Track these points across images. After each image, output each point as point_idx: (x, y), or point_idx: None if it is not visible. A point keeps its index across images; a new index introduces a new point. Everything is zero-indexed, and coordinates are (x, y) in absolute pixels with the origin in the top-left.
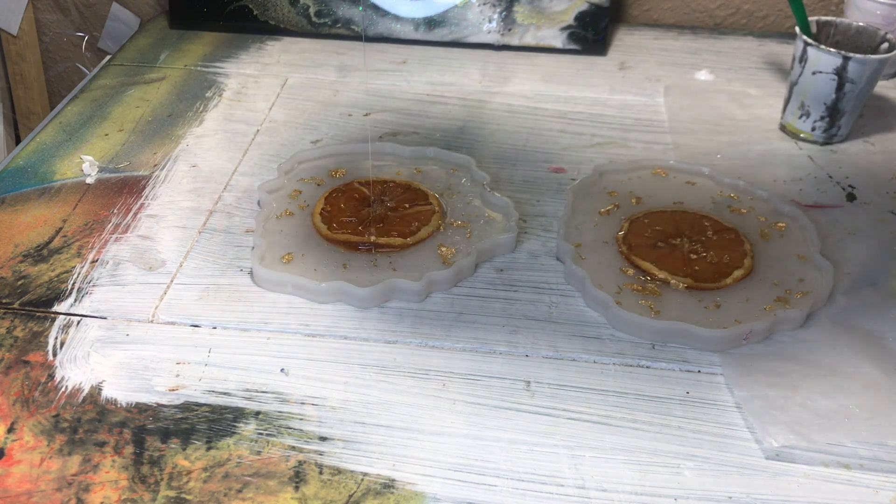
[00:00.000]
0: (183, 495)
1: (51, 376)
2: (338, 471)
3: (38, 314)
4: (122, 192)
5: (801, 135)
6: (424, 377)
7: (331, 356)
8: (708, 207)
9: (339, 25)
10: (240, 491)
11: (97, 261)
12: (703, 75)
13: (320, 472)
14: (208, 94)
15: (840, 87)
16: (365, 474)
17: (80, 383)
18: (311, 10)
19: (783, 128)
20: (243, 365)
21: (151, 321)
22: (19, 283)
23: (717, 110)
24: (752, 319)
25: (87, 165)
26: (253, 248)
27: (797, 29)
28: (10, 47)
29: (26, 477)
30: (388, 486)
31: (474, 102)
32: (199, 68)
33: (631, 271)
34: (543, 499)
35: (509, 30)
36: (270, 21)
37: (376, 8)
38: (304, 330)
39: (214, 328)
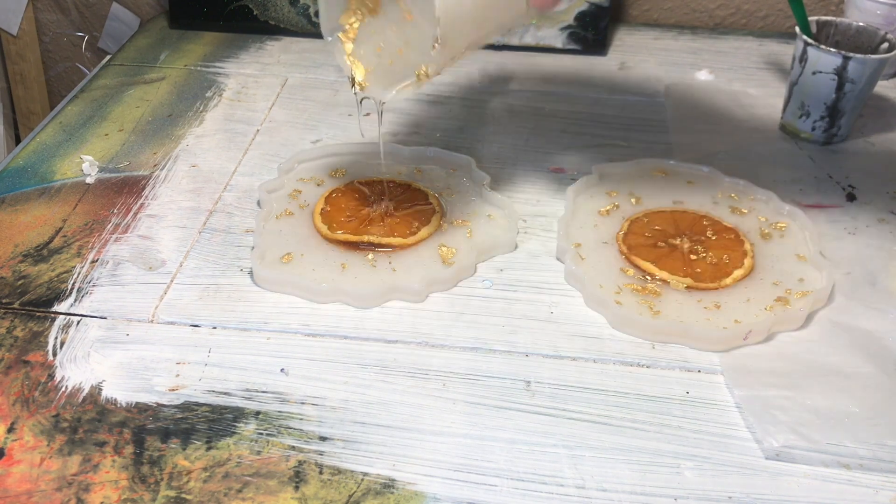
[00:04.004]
0: (183, 495)
1: (51, 376)
2: (338, 471)
3: (38, 314)
4: (122, 192)
5: (801, 135)
6: (424, 377)
7: (331, 356)
8: (708, 207)
9: None
10: (240, 491)
11: (97, 261)
12: (703, 75)
13: (320, 472)
14: (208, 94)
15: (840, 87)
16: (365, 474)
17: (80, 383)
18: (311, 10)
19: (783, 128)
20: (243, 365)
21: (151, 321)
22: (19, 283)
23: (717, 110)
24: (752, 319)
25: (87, 165)
26: (253, 247)
27: (797, 29)
28: (10, 47)
29: (26, 477)
30: (388, 486)
31: (474, 102)
32: (199, 68)
33: (631, 271)
34: (543, 499)
35: (509, 30)
36: (270, 21)
37: None
38: (304, 330)
39: (214, 328)
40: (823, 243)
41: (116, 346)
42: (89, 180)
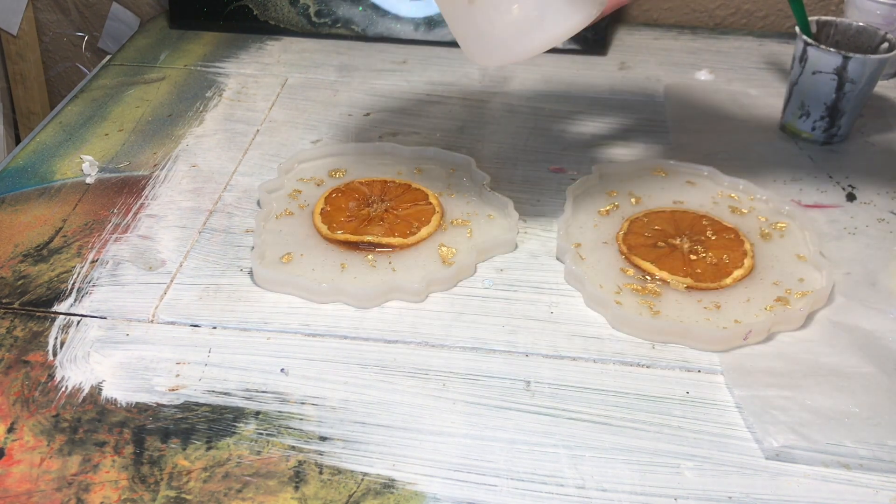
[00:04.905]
0: (183, 495)
1: (51, 376)
2: (338, 471)
3: (38, 314)
4: (122, 192)
5: (802, 135)
6: (424, 377)
7: (331, 356)
8: (708, 207)
9: (339, 25)
10: (240, 491)
11: (97, 261)
12: (703, 75)
13: (320, 472)
14: (208, 94)
15: (840, 87)
16: (365, 474)
17: (80, 383)
18: (311, 10)
19: (783, 128)
20: (243, 365)
21: (151, 321)
22: (19, 283)
23: (717, 110)
24: (752, 319)
25: (87, 165)
26: (253, 248)
27: (797, 29)
28: (10, 47)
29: (26, 477)
30: (388, 486)
31: (474, 102)
32: (199, 68)
33: (631, 271)
34: (543, 499)
35: None
36: (270, 21)
37: (376, 8)
38: (304, 330)
39: (214, 328)
40: (823, 243)
41: (116, 346)
42: (89, 180)
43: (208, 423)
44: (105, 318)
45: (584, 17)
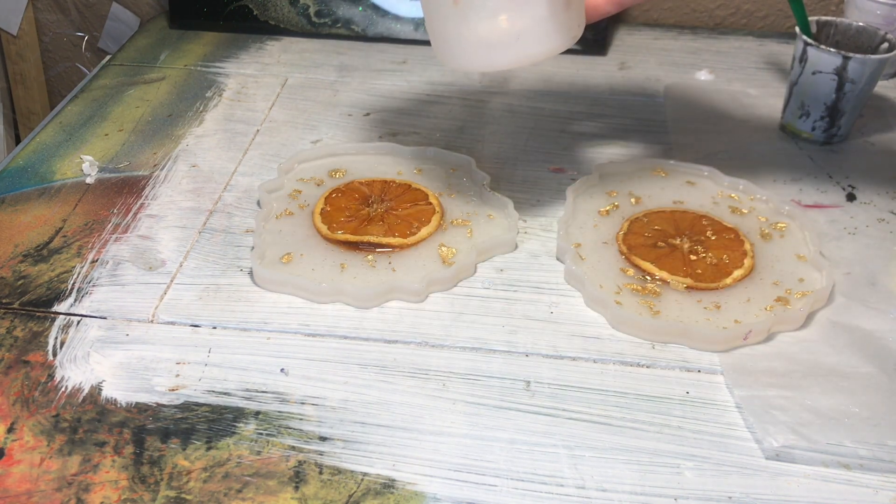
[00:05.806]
0: (183, 495)
1: (51, 376)
2: (338, 471)
3: (37, 314)
4: (122, 192)
5: (802, 135)
6: (424, 377)
7: (331, 356)
8: (708, 207)
9: (339, 25)
10: (240, 491)
11: (97, 261)
12: (703, 75)
13: (320, 472)
14: (208, 94)
15: (840, 87)
16: (365, 474)
17: (80, 383)
18: (311, 10)
19: (783, 128)
20: (243, 365)
21: (151, 321)
22: (19, 283)
23: (717, 110)
24: (752, 319)
25: (87, 165)
26: (253, 248)
27: (797, 29)
28: (10, 47)
29: (26, 477)
30: (388, 486)
31: (474, 102)
32: (199, 68)
33: (631, 271)
34: (543, 499)
35: None
36: (270, 21)
37: (376, 8)
38: (303, 330)
39: (214, 328)
40: (823, 243)
41: (116, 346)
42: (89, 180)
43: (208, 423)
44: (105, 318)
45: (559, 45)
